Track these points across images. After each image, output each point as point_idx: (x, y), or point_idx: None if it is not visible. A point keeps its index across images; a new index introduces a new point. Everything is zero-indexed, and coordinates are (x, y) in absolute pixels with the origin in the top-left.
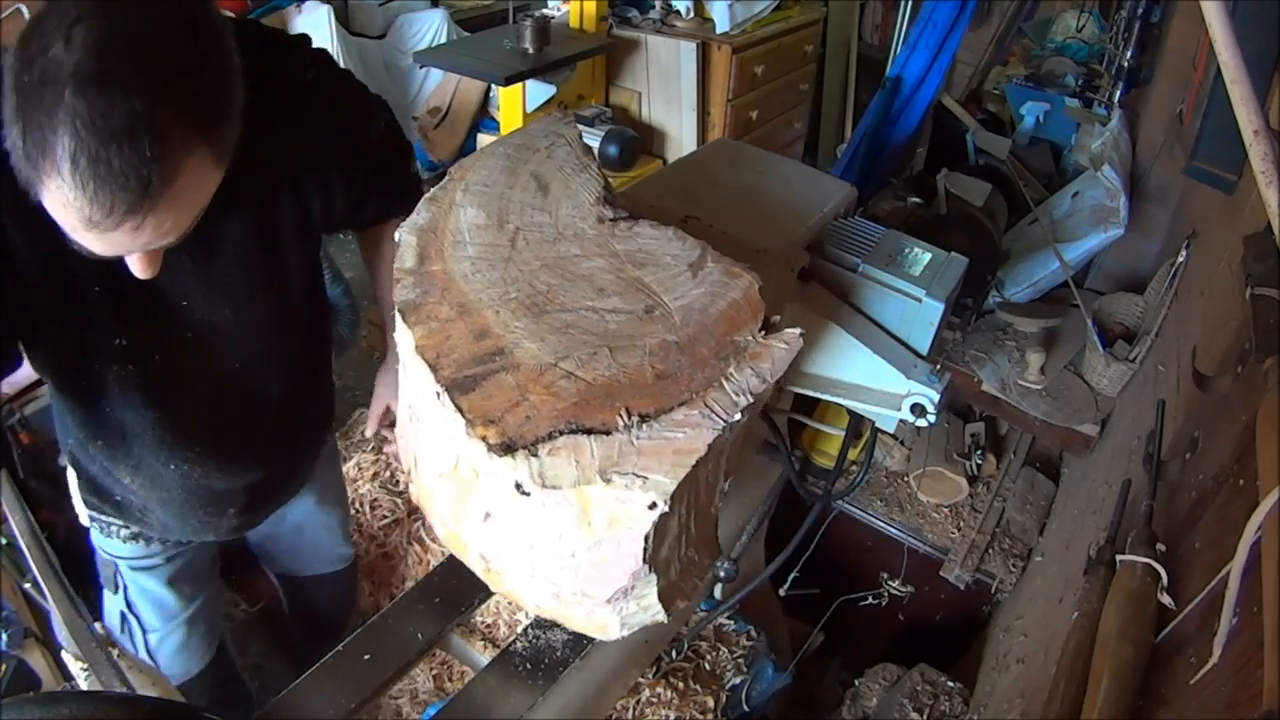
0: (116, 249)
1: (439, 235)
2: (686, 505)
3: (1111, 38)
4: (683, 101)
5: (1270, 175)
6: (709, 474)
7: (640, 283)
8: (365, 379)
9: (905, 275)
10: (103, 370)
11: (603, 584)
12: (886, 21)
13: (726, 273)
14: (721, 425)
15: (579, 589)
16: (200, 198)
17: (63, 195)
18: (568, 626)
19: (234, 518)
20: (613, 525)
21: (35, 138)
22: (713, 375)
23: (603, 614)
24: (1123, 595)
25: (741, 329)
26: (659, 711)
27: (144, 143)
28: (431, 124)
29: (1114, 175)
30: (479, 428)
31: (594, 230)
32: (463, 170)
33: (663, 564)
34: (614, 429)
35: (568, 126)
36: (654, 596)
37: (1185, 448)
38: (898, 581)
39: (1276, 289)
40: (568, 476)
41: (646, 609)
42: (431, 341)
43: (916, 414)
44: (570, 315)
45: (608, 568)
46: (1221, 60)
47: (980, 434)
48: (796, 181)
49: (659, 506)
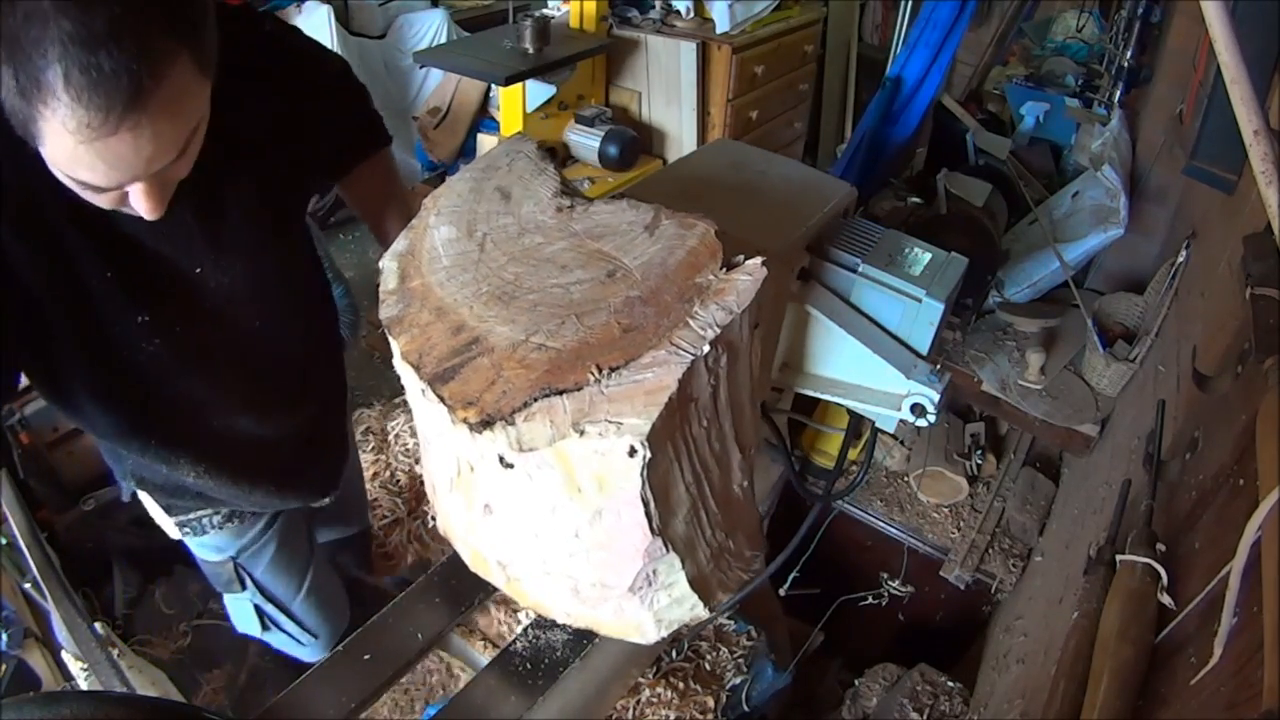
0: (122, 169)
1: (416, 256)
2: (691, 472)
3: (1111, 38)
4: (683, 101)
5: (1270, 175)
6: (710, 437)
7: (600, 252)
8: (365, 379)
9: (905, 275)
10: (132, 355)
11: (618, 568)
12: (886, 21)
13: (681, 224)
14: (689, 358)
15: (596, 578)
16: (192, 108)
17: (60, 116)
18: (601, 633)
19: (304, 482)
20: (603, 487)
21: (27, 70)
22: (678, 317)
23: (633, 610)
24: (1123, 595)
25: (702, 271)
26: (659, 711)
27: (129, 43)
28: (431, 124)
29: (1114, 175)
30: (460, 410)
31: (554, 219)
32: (435, 199)
33: (684, 544)
34: (585, 385)
35: (525, 143)
36: (684, 585)
37: (1185, 448)
38: (898, 581)
39: (1276, 289)
40: (543, 436)
41: (680, 601)
42: (414, 345)
43: (916, 414)
44: (537, 295)
45: (617, 545)
46: (1221, 60)
47: (980, 434)
48: (796, 181)
49: (639, 451)
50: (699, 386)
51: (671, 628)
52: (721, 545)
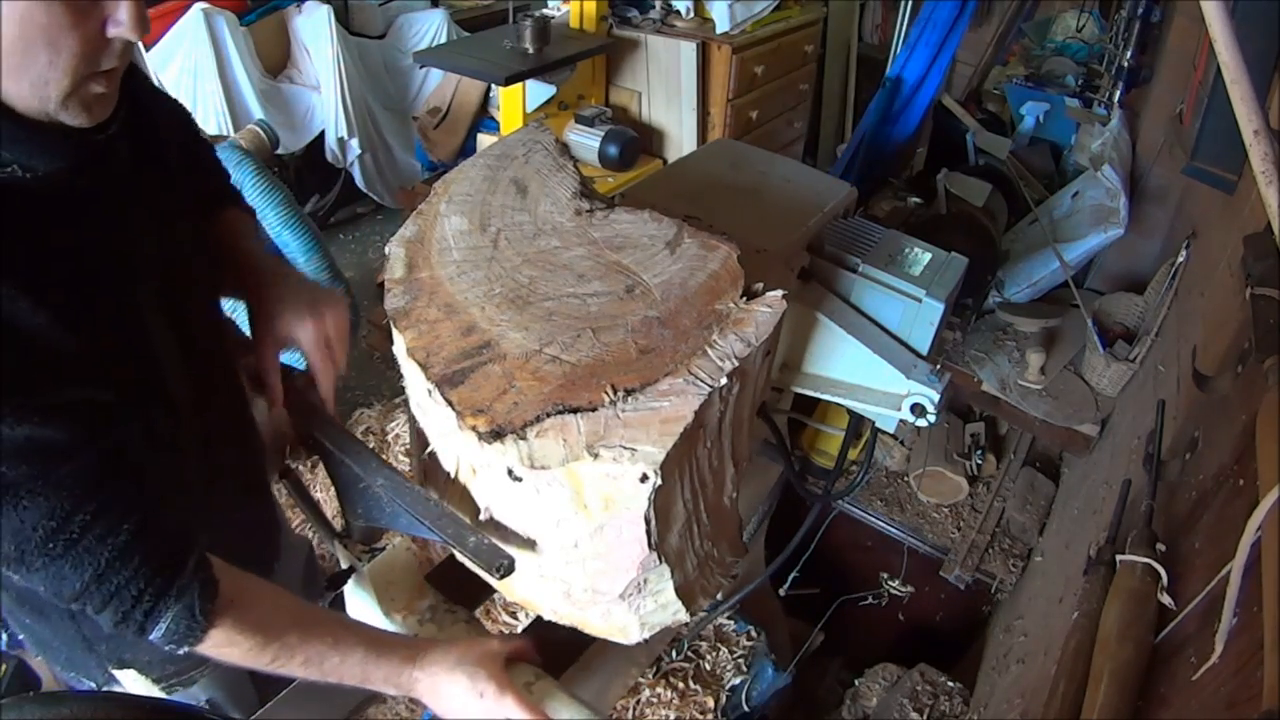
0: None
1: (425, 245)
2: (690, 489)
3: (1111, 38)
4: (683, 101)
5: (1270, 175)
6: (710, 456)
7: (619, 265)
8: (365, 379)
9: (905, 275)
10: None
11: (612, 577)
12: (886, 21)
13: (704, 245)
14: (707, 390)
15: (589, 584)
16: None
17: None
18: (586, 631)
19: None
20: (609, 506)
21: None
22: (696, 344)
23: (619, 614)
24: (1123, 595)
25: (722, 297)
26: (659, 711)
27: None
28: (431, 124)
29: (1114, 175)
30: (469, 418)
31: (572, 223)
32: (446, 184)
33: (675, 555)
34: (600, 406)
35: (543, 133)
36: (671, 592)
37: (1185, 448)
38: (898, 581)
39: (1276, 289)
40: (556, 456)
41: (665, 606)
42: (421, 343)
43: (916, 414)
44: (553, 303)
45: (613, 557)
46: (1221, 60)
47: (980, 434)
48: (796, 181)
49: (651, 479)
50: (710, 415)
51: (654, 630)
52: (708, 554)
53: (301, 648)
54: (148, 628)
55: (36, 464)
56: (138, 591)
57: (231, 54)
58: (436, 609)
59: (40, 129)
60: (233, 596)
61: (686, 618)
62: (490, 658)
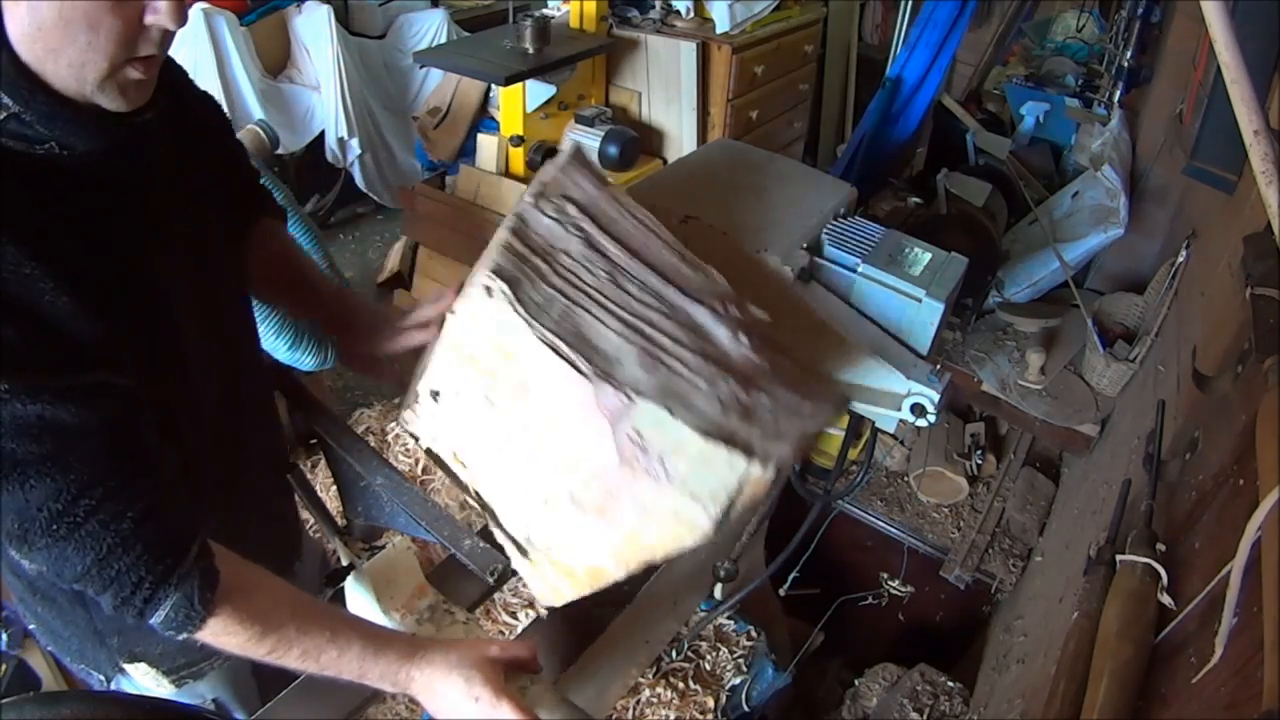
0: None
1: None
2: (614, 317)
3: (1111, 38)
4: (683, 101)
5: (1270, 175)
6: (602, 278)
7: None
8: (365, 379)
9: (905, 275)
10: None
11: (588, 442)
12: (886, 21)
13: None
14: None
15: (584, 473)
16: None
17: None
18: (653, 555)
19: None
20: (508, 355)
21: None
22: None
23: (653, 497)
24: (1123, 595)
25: None
26: (659, 711)
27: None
28: (431, 124)
29: (1114, 175)
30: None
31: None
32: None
33: (660, 392)
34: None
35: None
36: (695, 438)
37: (1185, 448)
38: (898, 581)
39: (1276, 289)
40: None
41: (705, 460)
42: None
43: (916, 414)
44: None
45: (564, 416)
46: (1221, 60)
47: (980, 434)
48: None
49: (493, 285)
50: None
51: (722, 502)
52: (734, 394)
53: (300, 640)
54: (147, 613)
55: (47, 444)
56: (138, 578)
57: (231, 54)
58: (435, 608)
59: (77, 109)
60: (233, 586)
61: (760, 470)
62: (488, 663)
